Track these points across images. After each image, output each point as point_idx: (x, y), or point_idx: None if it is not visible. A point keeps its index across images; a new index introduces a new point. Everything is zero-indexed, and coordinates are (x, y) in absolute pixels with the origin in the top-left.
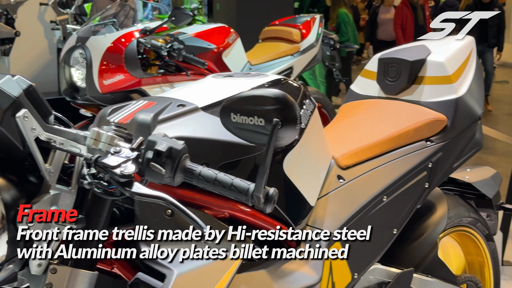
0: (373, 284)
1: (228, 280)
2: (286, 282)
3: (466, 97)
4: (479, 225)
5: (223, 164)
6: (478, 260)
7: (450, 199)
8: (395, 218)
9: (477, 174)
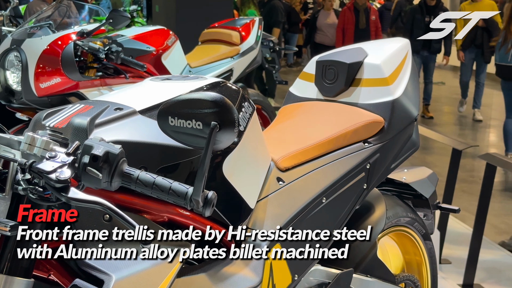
0: (313, 285)
1: (168, 284)
2: (227, 285)
3: (402, 98)
4: (417, 224)
5: (162, 168)
6: (416, 259)
7: (388, 199)
8: (335, 219)
9: (414, 174)
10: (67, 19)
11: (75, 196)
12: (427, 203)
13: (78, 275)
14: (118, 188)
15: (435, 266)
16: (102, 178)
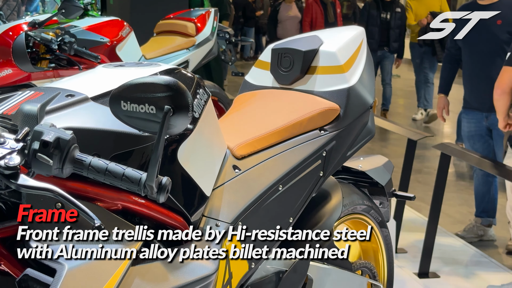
0: (270, 273)
1: (122, 273)
2: (183, 273)
3: (357, 86)
4: (373, 212)
5: (115, 155)
6: (372, 247)
7: (345, 187)
8: (291, 207)
9: (370, 162)
10: (16, 11)
11: (25, 183)
12: (383, 191)
13: (30, 264)
14: (69, 175)
15: (391, 254)
16: (53, 165)
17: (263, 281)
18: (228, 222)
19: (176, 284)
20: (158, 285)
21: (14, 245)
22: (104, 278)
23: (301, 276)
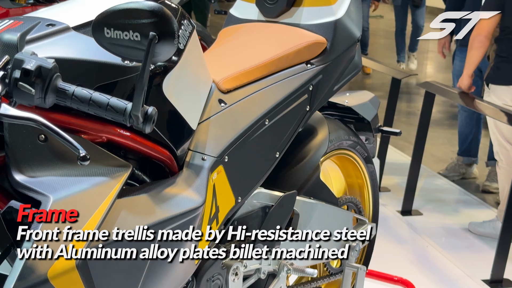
0: (257, 208)
1: (108, 205)
2: (169, 205)
3: (344, 19)
4: (359, 148)
5: (98, 87)
6: (358, 182)
7: (331, 123)
8: (277, 142)
9: (356, 98)
10: None
11: (6, 112)
12: (369, 127)
13: (14, 196)
14: (52, 106)
15: (376, 189)
16: (35, 94)
17: (250, 216)
18: (214, 156)
19: (163, 217)
20: (145, 218)
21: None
22: (90, 210)
23: (287, 210)
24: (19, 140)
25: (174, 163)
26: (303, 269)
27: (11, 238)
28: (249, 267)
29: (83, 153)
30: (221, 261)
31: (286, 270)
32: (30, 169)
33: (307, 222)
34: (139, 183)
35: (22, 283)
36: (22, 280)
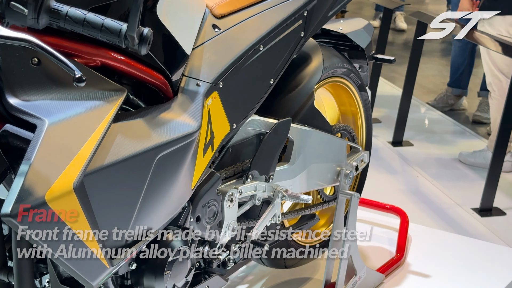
0: (251, 136)
1: (104, 129)
2: (165, 130)
3: None
4: (353, 75)
5: (92, 9)
6: (351, 110)
7: (325, 50)
8: (272, 68)
9: (350, 25)
10: None
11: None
12: (363, 54)
13: (8, 120)
14: (45, 27)
15: (370, 117)
16: (28, 14)
17: (244, 143)
18: (209, 82)
19: (159, 141)
20: (141, 142)
21: None
22: (86, 134)
23: (282, 137)
24: (12, 63)
25: (169, 89)
26: (298, 196)
27: (6, 162)
28: (244, 193)
29: (79, 74)
30: (216, 187)
31: (281, 197)
32: (24, 93)
33: (302, 149)
34: (134, 108)
35: (20, 205)
36: (20, 202)
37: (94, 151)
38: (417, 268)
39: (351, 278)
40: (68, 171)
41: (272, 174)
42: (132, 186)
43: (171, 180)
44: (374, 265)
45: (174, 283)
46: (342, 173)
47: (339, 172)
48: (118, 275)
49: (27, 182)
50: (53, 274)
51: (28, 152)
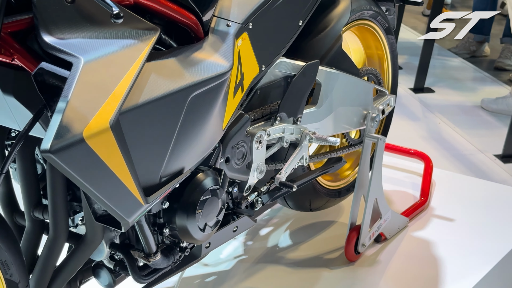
0: (279, 78)
1: (138, 68)
2: (198, 70)
3: None
4: (380, 18)
5: None
6: (378, 54)
7: None
8: (300, 9)
9: None
10: None
11: None
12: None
13: (44, 58)
14: None
15: (396, 61)
16: None
17: (272, 85)
18: (239, 22)
19: (192, 80)
20: (174, 81)
21: (26, 39)
22: (121, 72)
23: (310, 80)
24: (47, 2)
25: (200, 29)
26: (326, 138)
27: (43, 99)
28: (272, 135)
29: (117, 10)
30: (246, 128)
31: (309, 139)
32: (59, 31)
33: (329, 92)
34: (165, 48)
35: (59, 141)
36: (59, 139)
37: (129, 90)
38: (441, 212)
39: (376, 221)
40: (105, 109)
41: (300, 116)
42: (165, 125)
43: (204, 120)
44: (399, 209)
45: (206, 222)
46: (369, 116)
47: (365, 116)
48: (151, 213)
49: (65, 119)
50: (88, 211)
51: (65, 90)
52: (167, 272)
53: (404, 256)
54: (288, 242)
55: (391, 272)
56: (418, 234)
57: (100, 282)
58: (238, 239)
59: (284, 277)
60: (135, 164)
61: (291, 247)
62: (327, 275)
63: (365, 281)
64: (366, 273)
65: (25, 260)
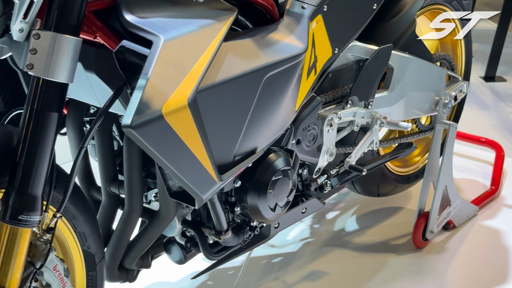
0: (351, 62)
1: (216, 47)
2: (273, 50)
3: None
4: (455, 3)
5: None
6: (451, 39)
7: None
8: None
9: None
10: None
11: None
12: None
13: (125, 37)
14: None
15: (470, 47)
16: None
17: (344, 68)
18: (313, 4)
19: (267, 61)
20: (250, 61)
21: (108, 17)
22: (199, 51)
23: (382, 64)
24: None
25: (276, 10)
26: (397, 123)
27: (123, 76)
28: (343, 119)
29: None
30: (317, 111)
31: (379, 124)
32: (140, 10)
33: (401, 77)
34: (242, 29)
35: (139, 117)
36: (139, 115)
37: (206, 68)
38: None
39: (445, 208)
40: (183, 87)
41: (371, 100)
42: (240, 104)
43: (278, 100)
44: (468, 197)
45: (276, 202)
46: (441, 102)
47: (437, 102)
48: (223, 191)
49: (145, 95)
50: (163, 187)
51: (145, 67)
52: (237, 250)
53: (473, 244)
54: (355, 226)
55: (459, 260)
56: (487, 223)
57: (171, 258)
58: (304, 222)
59: (350, 261)
60: (210, 142)
61: (357, 231)
62: (394, 260)
63: (432, 268)
64: (433, 260)
65: (101, 233)
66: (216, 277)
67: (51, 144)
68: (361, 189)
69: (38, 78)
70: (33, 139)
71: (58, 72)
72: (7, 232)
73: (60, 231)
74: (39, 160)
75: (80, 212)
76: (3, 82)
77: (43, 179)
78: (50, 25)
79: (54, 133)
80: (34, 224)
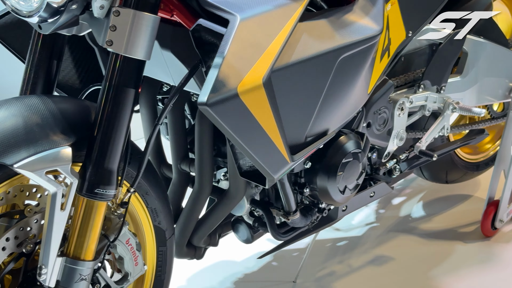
0: (424, 45)
1: (292, 26)
2: (348, 32)
3: None
4: None
5: None
6: None
7: None
8: None
9: None
10: None
11: None
12: None
13: (201, 16)
14: None
15: None
16: None
17: (417, 52)
18: None
19: (342, 42)
20: (325, 42)
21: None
22: (275, 31)
23: (456, 49)
24: None
25: None
26: (470, 109)
27: (199, 55)
28: (415, 103)
29: None
30: (389, 94)
31: (452, 109)
32: None
33: (475, 62)
34: (317, 10)
35: (215, 95)
36: (215, 92)
37: (281, 48)
38: None
39: None
40: (258, 66)
41: (444, 85)
42: (314, 85)
43: (351, 82)
44: None
45: (346, 184)
46: None
47: (511, 88)
48: (293, 172)
49: (221, 74)
50: (233, 166)
51: (221, 46)
52: (304, 231)
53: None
54: (421, 213)
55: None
56: None
57: (238, 237)
58: (370, 207)
59: (416, 248)
60: (283, 122)
61: (424, 218)
62: (461, 248)
63: (500, 257)
64: (502, 249)
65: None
66: (281, 258)
67: (127, 120)
68: (429, 175)
69: (116, 54)
70: (111, 115)
71: (136, 49)
72: (84, 205)
73: (132, 206)
74: (116, 135)
75: (152, 188)
76: (80, 59)
77: (119, 154)
78: (130, 3)
79: (130, 109)
80: (109, 198)
